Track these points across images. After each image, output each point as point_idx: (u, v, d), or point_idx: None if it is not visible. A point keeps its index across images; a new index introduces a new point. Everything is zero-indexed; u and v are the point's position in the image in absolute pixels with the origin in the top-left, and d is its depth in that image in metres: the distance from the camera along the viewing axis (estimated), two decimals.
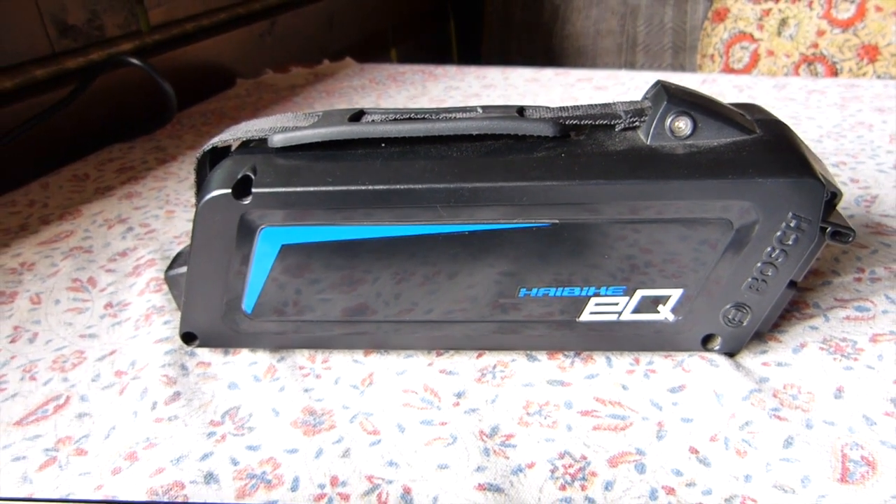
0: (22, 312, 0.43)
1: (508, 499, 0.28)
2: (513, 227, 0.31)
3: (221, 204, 0.32)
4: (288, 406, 0.33)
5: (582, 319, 0.33)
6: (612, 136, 0.32)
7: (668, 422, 0.31)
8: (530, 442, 0.30)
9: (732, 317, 0.33)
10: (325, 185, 0.31)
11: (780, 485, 0.27)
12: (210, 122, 0.76)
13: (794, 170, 0.30)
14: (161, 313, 0.41)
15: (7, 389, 0.37)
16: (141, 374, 0.36)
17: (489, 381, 0.34)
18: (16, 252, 0.51)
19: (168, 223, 0.53)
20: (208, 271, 0.34)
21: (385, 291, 0.34)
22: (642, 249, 0.31)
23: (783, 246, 0.31)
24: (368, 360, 0.36)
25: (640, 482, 0.28)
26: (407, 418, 0.32)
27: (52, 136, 0.69)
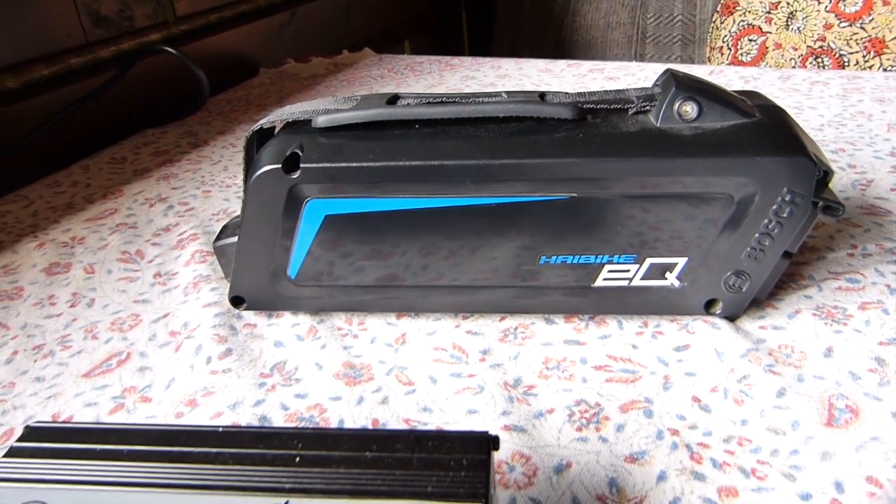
0: (78, 281, 0.47)
1: (531, 438, 0.31)
2: (535, 200, 0.35)
3: (272, 178, 0.36)
4: (330, 361, 0.37)
5: (596, 285, 0.37)
6: (625, 119, 0.36)
7: (674, 375, 0.34)
8: (549, 392, 0.34)
9: (733, 283, 0.36)
10: (367, 161, 0.35)
11: (773, 428, 0.31)
12: (237, 108, 0.79)
13: (789, 149, 0.33)
14: (208, 281, 0.44)
15: (72, 347, 0.40)
16: (194, 333, 0.40)
17: (511, 340, 0.38)
18: (65, 227, 0.55)
19: (206, 202, 0.57)
20: (257, 240, 0.38)
21: (417, 259, 0.37)
22: (651, 221, 0.35)
23: (779, 218, 0.34)
24: (401, 322, 0.40)
25: (648, 425, 0.32)
26: (438, 371, 0.36)
27: (91, 121, 0.73)
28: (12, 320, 0.43)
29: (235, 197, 0.57)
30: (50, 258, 0.50)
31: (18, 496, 0.23)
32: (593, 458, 0.30)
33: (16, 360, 0.40)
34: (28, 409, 0.36)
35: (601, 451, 0.30)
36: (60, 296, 0.46)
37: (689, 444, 0.30)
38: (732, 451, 0.30)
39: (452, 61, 0.91)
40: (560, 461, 0.30)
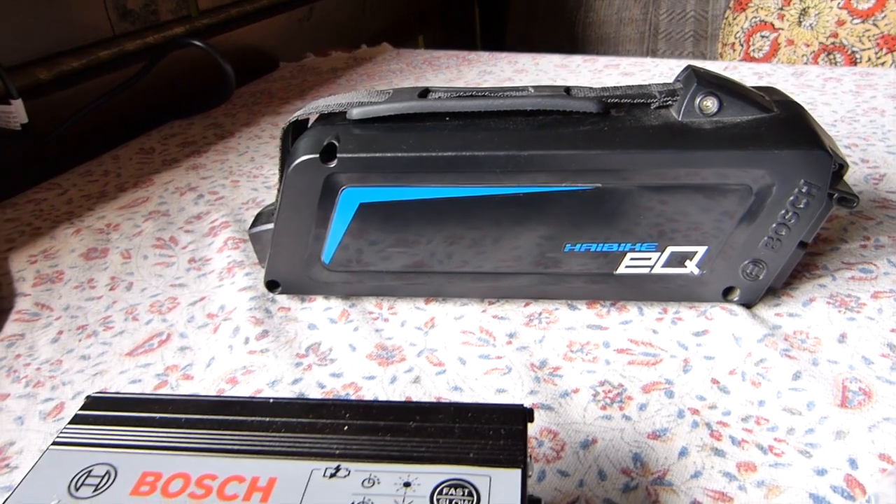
0: (116, 265, 0.49)
1: (558, 415, 0.33)
2: (561, 190, 0.36)
3: (309, 167, 0.37)
4: (362, 342, 0.39)
5: (618, 272, 0.38)
6: (647, 113, 0.37)
7: (693, 359, 0.36)
8: (574, 373, 0.36)
9: (750, 271, 0.38)
10: (400, 152, 0.36)
11: (789, 408, 0.32)
12: (260, 101, 0.81)
13: (807, 143, 0.34)
14: (241, 267, 0.46)
15: (114, 328, 0.42)
16: (231, 316, 0.42)
17: (536, 325, 0.39)
18: (100, 215, 0.56)
19: (234, 191, 0.59)
20: (294, 226, 0.39)
21: (446, 246, 0.39)
22: (673, 211, 0.36)
23: (795, 209, 0.36)
24: (429, 307, 0.41)
25: (670, 405, 0.33)
26: (467, 353, 0.37)
27: (119, 113, 0.75)
28: (55, 302, 0.45)
29: (263, 187, 0.59)
30: (87, 244, 0.52)
31: (86, 459, 0.25)
32: (617, 435, 0.32)
33: (61, 340, 0.42)
34: (76, 384, 0.38)
35: (625, 429, 0.32)
36: (100, 279, 0.47)
37: (709, 422, 0.32)
38: (750, 430, 0.32)
39: (469, 56, 0.93)
40: (586, 437, 0.32)
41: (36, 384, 0.38)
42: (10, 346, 0.41)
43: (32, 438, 0.35)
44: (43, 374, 0.39)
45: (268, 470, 0.24)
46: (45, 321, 0.44)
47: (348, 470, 0.24)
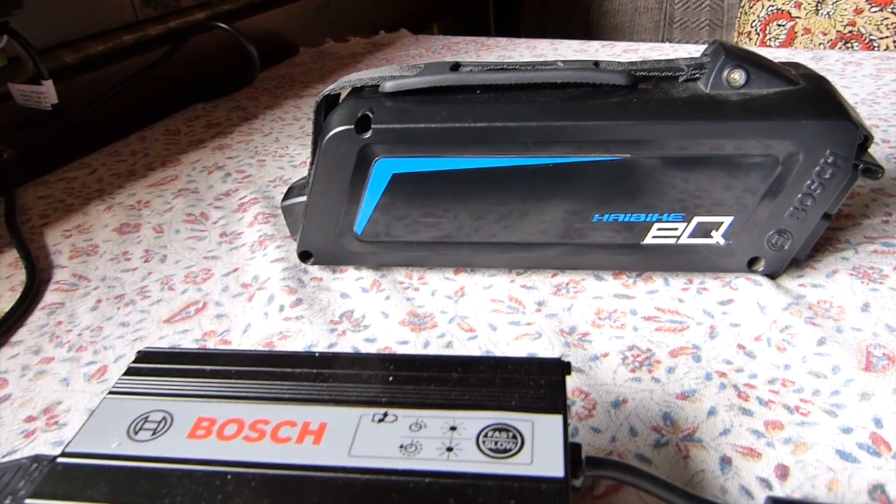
0: (149, 239, 0.50)
1: (589, 377, 0.34)
2: (591, 161, 0.37)
3: (344, 138, 0.38)
4: (395, 310, 0.40)
5: (645, 243, 0.39)
6: (675, 86, 0.38)
7: (719, 326, 0.37)
8: (603, 339, 0.36)
9: (775, 241, 0.38)
10: (434, 123, 0.37)
11: (814, 372, 0.33)
12: (282, 85, 0.82)
13: (833, 114, 0.35)
14: (273, 240, 0.47)
15: (151, 297, 0.43)
16: (265, 285, 0.43)
17: (564, 294, 0.40)
18: (131, 192, 0.58)
19: (261, 170, 0.60)
20: (327, 197, 0.40)
21: (477, 216, 0.40)
22: (700, 181, 0.37)
23: (821, 180, 0.36)
24: (458, 277, 0.42)
25: (697, 368, 0.34)
26: (497, 320, 0.38)
27: (145, 95, 0.76)
28: (92, 273, 0.47)
29: (289, 166, 0.60)
30: (119, 219, 0.53)
31: (142, 406, 0.26)
32: (647, 396, 0.33)
33: (100, 308, 0.43)
34: (117, 349, 0.39)
35: (654, 390, 0.33)
36: (134, 252, 0.49)
37: (737, 384, 0.33)
38: (777, 391, 0.32)
39: (488, 42, 0.93)
40: (616, 397, 0.33)
41: (78, 349, 0.39)
42: (52, 314, 0.43)
43: (78, 398, 0.36)
44: (84, 340, 0.40)
45: (318, 416, 0.25)
46: (84, 291, 0.45)
47: (395, 416, 0.25)
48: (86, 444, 0.25)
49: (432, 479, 0.22)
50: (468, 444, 0.23)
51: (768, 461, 0.29)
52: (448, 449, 0.23)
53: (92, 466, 0.24)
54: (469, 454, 0.23)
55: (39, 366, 0.38)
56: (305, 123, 0.69)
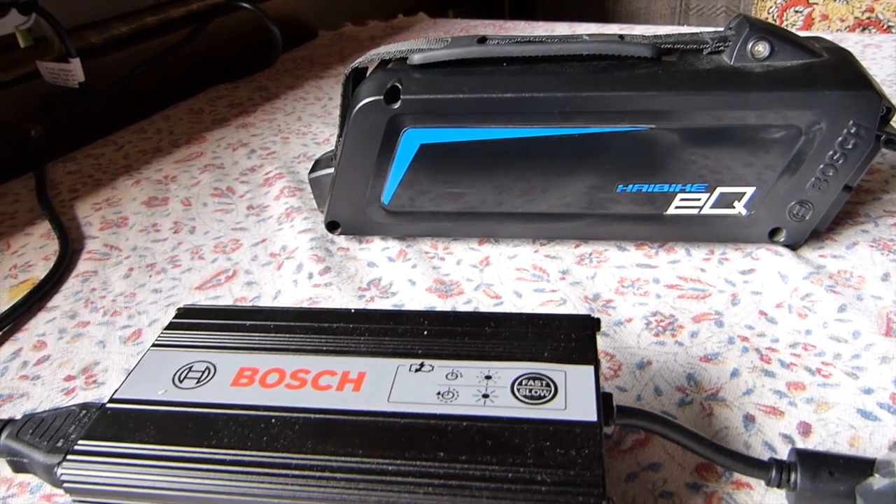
0: (177, 212, 0.51)
1: (613, 341, 0.35)
2: (616, 131, 0.38)
3: (374, 109, 0.39)
4: (421, 278, 0.41)
5: (668, 213, 0.40)
6: (700, 58, 0.39)
7: (741, 294, 0.37)
8: (627, 305, 0.37)
9: (797, 212, 0.39)
10: (462, 94, 0.38)
11: (835, 336, 0.34)
12: (302, 66, 0.83)
13: (856, 84, 0.36)
14: (299, 212, 0.48)
15: (182, 266, 0.44)
16: (293, 255, 0.44)
17: (587, 263, 0.41)
18: (157, 168, 0.59)
19: (285, 146, 0.60)
20: (356, 168, 0.41)
21: (503, 187, 0.40)
22: (724, 152, 0.38)
23: (843, 150, 0.37)
24: (482, 247, 0.43)
25: (720, 333, 0.35)
26: (522, 287, 0.39)
27: (168, 76, 0.77)
28: (123, 243, 0.48)
29: (313, 143, 0.61)
30: (147, 193, 0.54)
31: (185, 357, 0.27)
32: (671, 358, 0.33)
33: (133, 276, 0.44)
34: (150, 314, 0.40)
35: (678, 353, 0.34)
36: (163, 224, 0.50)
37: (759, 348, 0.34)
38: (798, 355, 0.33)
39: (506, 24, 0.94)
40: (641, 359, 0.33)
41: (113, 314, 0.40)
42: (85, 282, 0.44)
43: (115, 359, 0.37)
44: (119, 305, 0.41)
45: (356, 366, 0.26)
46: (116, 260, 0.46)
47: (432, 366, 0.25)
48: (133, 392, 0.26)
49: (469, 422, 0.23)
50: (503, 391, 0.24)
51: (791, 419, 0.30)
52: (484, 396, 0.24)
53: (140, 411, 0.25)
54: (504, 400, 0.24)
55: (76, 329, 0.40)
56: (327, 103, 0.70)
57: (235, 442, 0.23)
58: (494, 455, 0.22)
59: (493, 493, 0.21)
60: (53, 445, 0.25)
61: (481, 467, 0.21)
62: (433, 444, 0.22)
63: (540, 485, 0.21)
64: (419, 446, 0.22)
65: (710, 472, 0.27)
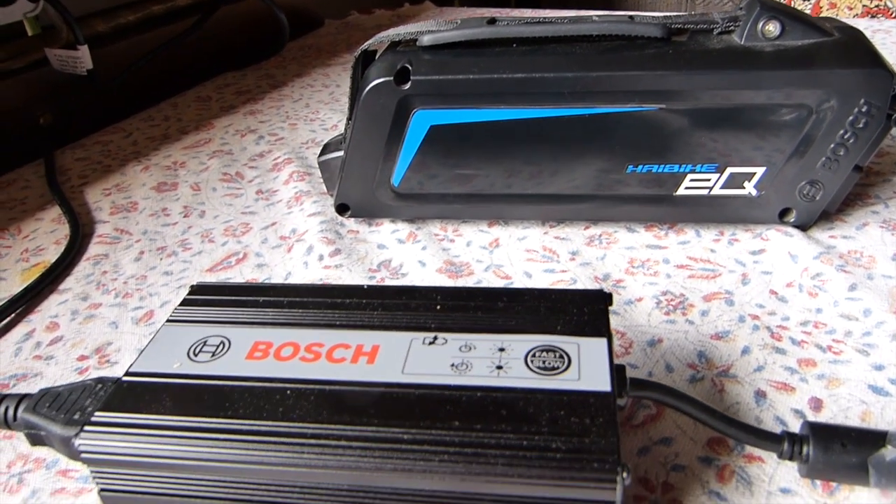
0: (187, 197, 0.51)
1: (624, 319, 0.35)
2: (626, 111, 0.38)
3: (384, 90, 0.39)
4: (431, 259, 0.41)
5: (678, 194, 0.40)
6: (710, 38, 0.39)
7: (751, 273, 0.37)
8: (637, 285, 0.37)
9: (807, 192, 0.39)
10: (472, 74, 0.38)
11: (846, 315, 0.34)
12: (309, 55, 0.83)
13: (868, 62, 0.36)
14: (309, 196, 0.48)
15: (192, 249, 0.45)
16: (303, 237, 0.44)
17: (597, 245, 0.41)
18: (166, 154, 0.59)
19: (293, 133, 0.61)
20: (365, 150, 0.41)
21: (512, 168, 0.40)
22: (734, 131, 0.38)
23: (854, 129, 0.37)
24: (492, 229, 0.43)
25: (730, 311, 0.35)
26: (532, 268, 0.39)
27: (175, 64, 0.77)
28: (133, 227, 0.48)
29: (321, 129, 0.61)
30: (157, 178, 0.54)
31: (200, 332, 0.27)
32: (682, 336, 0.33)
33: (144, 259, 0.44)
34: (162, 295, 0.40)
35: (689, 331, 0.34)
36: (173, 208, 0.50)
37: (769, 326, 0.34)
38: (809, 332, 0.33)
39: (512, 13, 0.94)
40: (652, 337, 0.33)
41: (125, 295, 0.41)
42: (97, 265, 0.44)
43: (128, 339, 0.37)
44: (130, 287, 0.41)
45: (370, 339, 0.26)
46: (126, 243, 0.46)
47: (445, 339, 0.26)
48: (148, 365, 0.26)
49: (484, 392, 0.23)
50: (517, 363, 0.24)
51: (802, 395, 0.30)
52: (498, 367, 0.24)
53: (156, 384, 0.25)
54: (518, 371, 0.24)
55: (88, 311, 0.40)
56: (335, 90, 0.70)
57: (251, 412, 0.23)
58: (509, 424, 0.22)
59: (509, 460, 0.21)
60: (70, 418, 0.26)
61: (496, 435, 0.21)
62: (448, 413, 0.22)
63: (555, 452, 0.21)
64: (434, 416, 0.22)
65: (722, 446, 0.28)
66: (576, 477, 0.21)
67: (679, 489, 0.26)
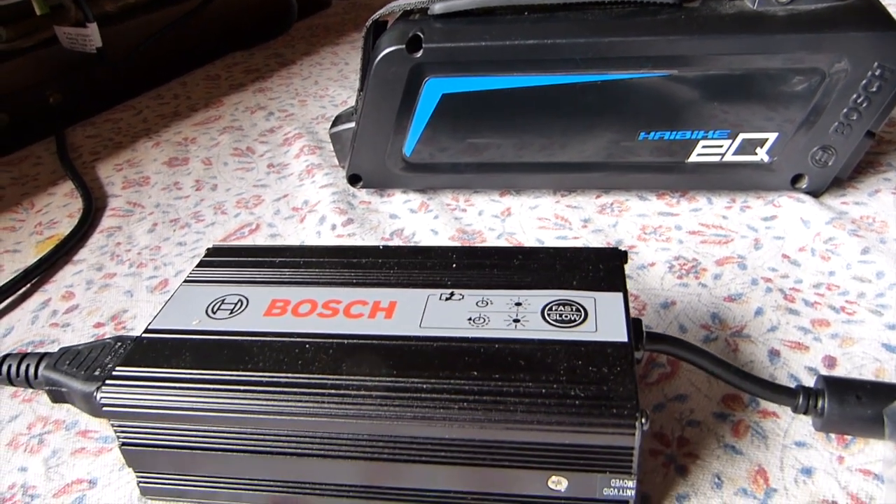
0: (198, 171, 0.51)
1: (637, 283, 0.35)
2: (638, 77, 0.38)
3: (395, 58, 0.39)
4: (443, 228, 0.41)
5: (690, 160, 0.40)
6: (722, 3, 0.38)
7: (763, 238, 0.38)
8: (649, 251, 0.37)
9: (819, 157, 0.39)
10: (484, 41, 0.38)
11: (859, 277, 0.34)
12: (317, 34, 0.83)
13: (881, 25, 0.35)
14: (320, 168, 0.48)
15: (205, 220, 0.45)
16: (315, 208, 0.44)
17: (609, 212, 0.41)
18: (177, 130, 0.59)
19: (303, 109, 0.61)
20: (377, 119, 0.41)
21: (525, 136, 0.40)
22: (746, 97, 0.38)
23: (868, 93, 0.37)
24: (504, 199, 0.43)
25: (743, 275, 0.35)
26: (544, 235, 0.39)
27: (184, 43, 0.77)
28: (146, 201, 0.48)
29: (331, 105, 0.61)
30: (168, 154, 0.55)
31: (217, 291, 0.28)
32: (695, 299, 0.34)
33: (157, 230, 0.44)
34: (176, 265, 0.41)
35: (702, 294, 0.34)
36: (185, 182, 0.50)
37: (783, 288, 0.34)
38: (822, 294, 0.33)
39: None
40: (665, 300, 0.34)
41: (139, 265, 0.41)
42: (110, 237, 0.44)
43: (143, 307, 0.37)
44: (144, 258, 0.42)
45: (387, 296, 0.26)
46: (139, 216, 0.46)
47: (462, 295, 0.26)
48: (167, 322, 0.26)
49: (502, 344, 0.23)
50: (534, 316, 0.24)
51: (816, 353, 0.30)
52: (515, 321, 0.24)
53: (175, 339, 0.25)
54: (535, 324, 0.24)
55: (103, 280, 0.40)
56: (343, 68, 0.70)
57: (271, 365, 0.24)
58: (527, 373, 0.22)
59: (528, 408, 0.21)
60: (91, 374, 0.26)
61: (515, 384, 0.22)
62: (466, 364, 0.23)
63: (574, 399, 0.21)
64: (453, 366, 0.23)
65: (737, 403, 0.28)
66: (595, 423, 0.21)
67: (694, 443, 0.26)
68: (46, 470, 0.28)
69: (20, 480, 0.28)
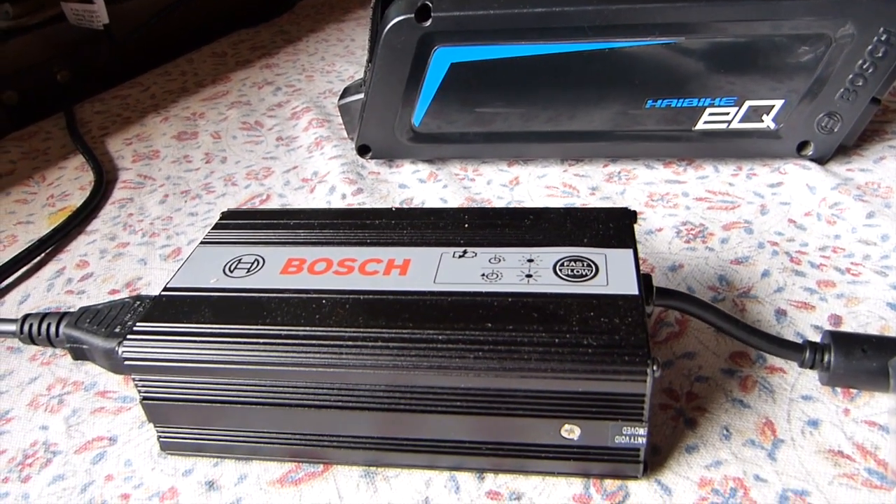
0: (208, 144, 0.52)
1: (645, 247, 0.35)
2: (646, 44, 0.38)
3: (404, 27, 0.39)
4: (452, 196, 0.41)
5: (696, 128, 0.40)
6: None
7: (770, 204, 0.38)
8: (657, 217, 0.38)
9: (825, 124, 0.39)
10: (493, 9, 0.38)
11: (864, 240, 0.34)
12: (322, 11, 0.83)
13: None
14: (329, 140, 0.49)
15: (216, 192, 0.45)
16: (325, 178, 0.44)
17: (616, 181, 0.41)
18: (185, 105, 0.59)
19: (310, 84, 0.61)
20: (386, 89, 0.42)
21: (534, 105, 0.41)
22: (753, 63, 0.38)
23: (874, 59, 0.37)
24: (512, 168, 0.44)
25: (750, 239, 0.35)
26: (553, 203, 0.40)
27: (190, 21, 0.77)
28: (156, 174, 0.49)
29: (338, 80, 0.61)
30: (177, 128, 0.55)
31: (234, 251, 0.28)
32: (702, 262, 0.34)
33: (168, 201, 0.45)
34: (189, 234, 0.41)
35: (709, 257, 0.34)
36: (195, 155, 0.50)
37: (789, 251, 0.34)
38: (828, 257, 0.34)
39: None
40: (673, 263, 0.34)
41: (151, 235, 0.42)
42: (122, 208, 0.45)
43: (157, 274, 0.38)
44: (157, 228, 0.42)
45: (401, 254, 0.27)
46: (150, 188, 0.47)
47: (475, 252, 0.26)
48: (185, 281, 0.27)
49: (515, 297, 0.24)
50: (546, 271, 0.25)
51: (822, 312, 0.30)
52: (527, 276, 0.25)
53: (194, 297, 0.26)
54: (547, 279, 0.24)
55: (116, 249, 0.41)
56: (350, 44, 0.70)
57: (289, 320, 0.24)
58: (541, 324, 0.22)
59: (542, 356, 0.22)
60: (111, 331, 0.27)
61: (528, 334, 0.22)
62: (480, 316, 0.23)
63: (586, 347, 0.21)
64: (467, 318, 0.23)
65: (744, 359, 0.28)
66: (607, 370, 0.21)
67: (703, 398, 0.27)
68: (67, 428, 0.29)
69: (42, 438, 0.29)
